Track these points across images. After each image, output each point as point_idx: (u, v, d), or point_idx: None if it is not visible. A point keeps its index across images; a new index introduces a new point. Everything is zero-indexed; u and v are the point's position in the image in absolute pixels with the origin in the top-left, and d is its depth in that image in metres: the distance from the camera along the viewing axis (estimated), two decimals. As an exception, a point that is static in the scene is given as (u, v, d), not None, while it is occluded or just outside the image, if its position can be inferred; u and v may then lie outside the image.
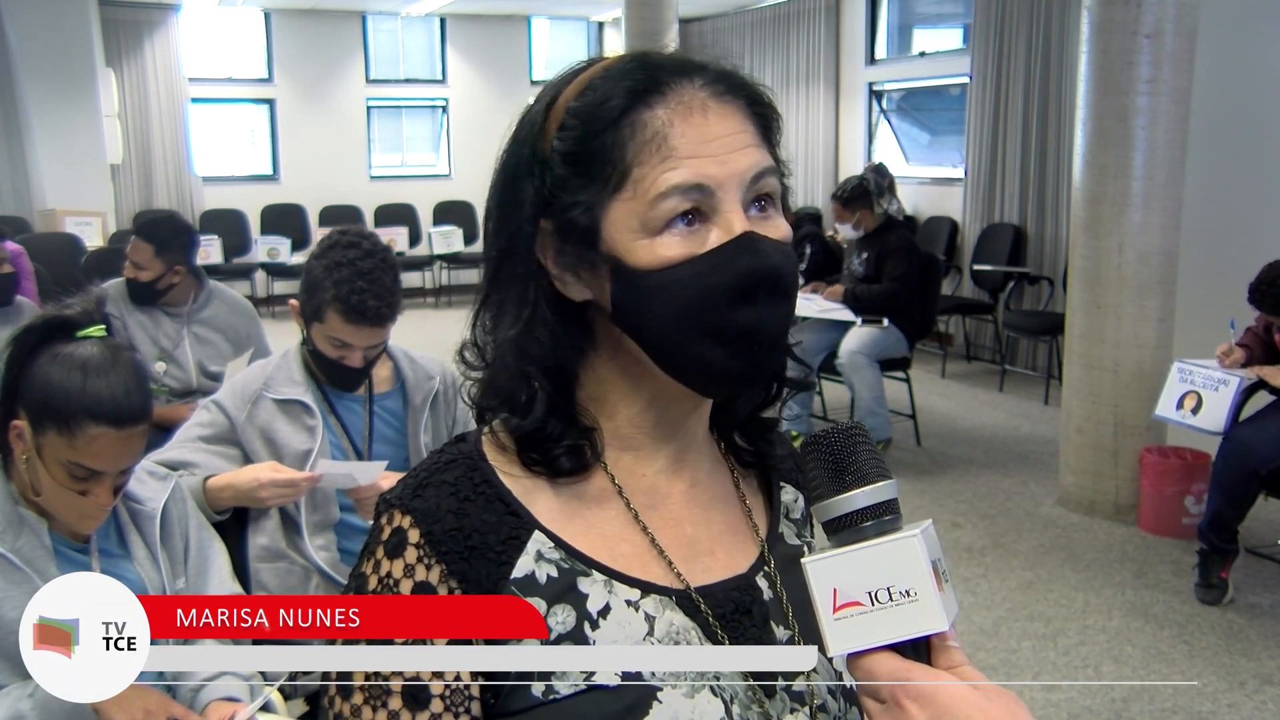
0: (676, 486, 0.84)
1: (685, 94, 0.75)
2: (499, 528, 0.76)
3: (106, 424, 1.48)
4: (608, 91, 0.75)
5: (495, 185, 0.81)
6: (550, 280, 0.78)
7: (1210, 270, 4.81)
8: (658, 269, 0.74)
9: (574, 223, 0.75)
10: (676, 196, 0.73)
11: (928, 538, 0.69)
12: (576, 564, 0.77)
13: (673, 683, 0.74)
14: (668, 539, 0.81)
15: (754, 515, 0.88)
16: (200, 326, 3.42)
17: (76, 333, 1.53)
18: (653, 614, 0.77)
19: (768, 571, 0.85)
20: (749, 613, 0.81)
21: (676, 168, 0.73)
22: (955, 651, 0.69)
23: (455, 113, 10.90)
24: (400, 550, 0.75)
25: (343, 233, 2.12)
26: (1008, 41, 7.21)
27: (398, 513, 0.77)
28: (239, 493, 1.97)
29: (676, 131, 0.74)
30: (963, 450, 5.52)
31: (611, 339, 0.79)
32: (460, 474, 0.79)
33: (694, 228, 0.74)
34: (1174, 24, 4.16)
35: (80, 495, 1.52)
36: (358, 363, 2.11)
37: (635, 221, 0.74)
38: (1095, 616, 3.63)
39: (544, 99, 0.79)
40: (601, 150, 0.74)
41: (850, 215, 5.31)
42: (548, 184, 0.76)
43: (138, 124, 9.64)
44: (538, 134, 0.78)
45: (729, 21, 10.63)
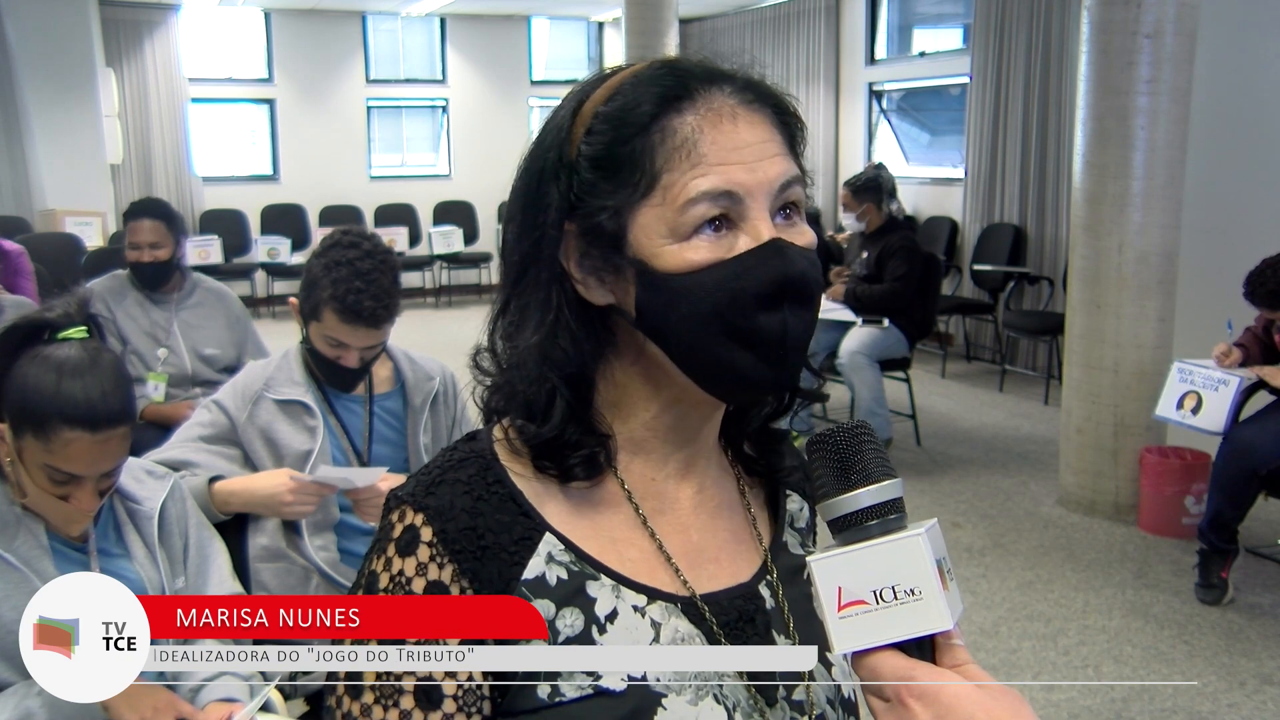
0: (684, 492, 0.84)
1: (715, 101, 0.76)
2: (512, 528, 0.76)
3: (81, 428, 1.45)
4: (637, 97, 0.76)
5: (517, 190, 0.80)
6: (573, 284, 0.78)
7: (1210, 270, 4.80)
8: (685, 273, 0.74)
9: (601, 226, 0.75)
10: (706, 203, 0.73)
11: (933, 536, 0.69)
12: (586, 567, 0.77)
13: (678, 689, 0.74)
14: (674, 545, 0.81)
15: (758, 524, 0.88)
16: (188, 313, 3.47)
17: (57, 334, 1.52)
18: (659, 620, 0.77)
19: (770, 580, 0.85)
20: (752, 621, 0.81)
21: (706, 174, 0.73)
22: (960, 650, 0.69)
23: (455, 113, 10.90)
24: (413, 548, 0.75)
25: (345, 232, 2.11)
26: (1008, 41, 7.21)
27: (410, 510, 0.76)
28: (254, 501, 1.96)
29: (706, 138, 0.74)
30: (963, 450, 5.52)
31: (633, 344, 0.79)
32: (474, 472, 0.78)
33: (721, 234, 0.74)
34: (1174, 24, 4.16)
35: (62, 499, 1.50)
36: (354, 363, 2.10)
37: (663, 227, 0.74)
38: (1095, 616, 3.63)
39: (570, 103, 0.79)
40: (630, 155, 0.75)
41: (858, 205, 5.32)
42: (574, 188, 0.76)
43: (138, 124, 9.65)
44: (564, 139, 0.77)
45: (729, 21, 10.63)
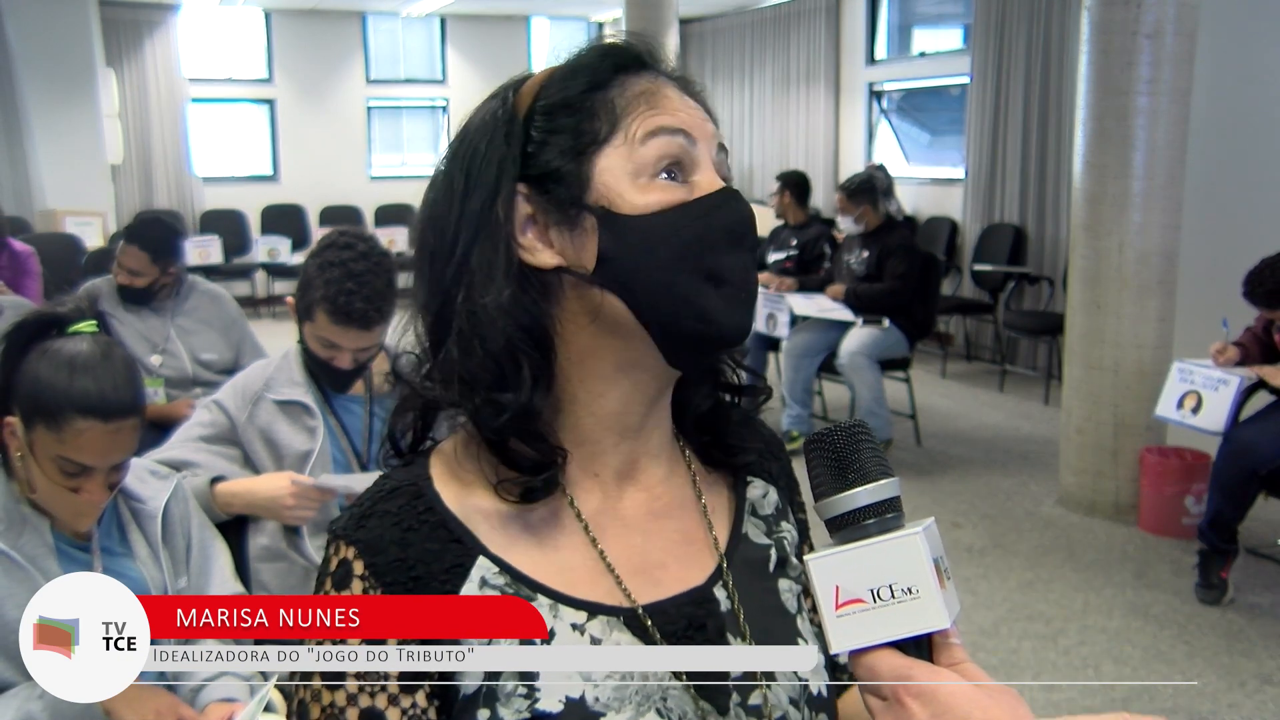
0: (629, 493, 0.83)
1: (660, 78, 0.81)
2: (442, 555, 0.76)
3: (94, 417, 1.47)
4: (594, 61, 0.79)
5: (453, 170, 0.80)
6: (517, 250, 0.77)
7: (1210, 270, 4.80)
8: (652, 213, 0.75)
9: (562, 174, 0.76)
10: (665, 136, 0.76)
11: (930, 535, 0.69)
12: (522, 588, 0.76)
13: (617, 707, 0.74)
14: (618, 552, 0.80)
15: (715, 519, 0.86)
16: (184, 319, 3.45)
17: (68, 329, 1.53)
18: (599, 636, 0.76)
19: (725, 582, 0.83)
20: (703, 627, 0.79)
21: (663, 114, 0.77)
22: (957, 649, 0.69)
23: (455, 113, 10.88)
24: (347, 582, 0.76)
25: (341, 233, 2.11)
26: (1008, 41, 7.21)
27: (343, 544, 0.77)
28: (255, 504, 1.97)
29: (662, 93, 0.79)
30: (963, 450, 5.52)
31: (583, 307, 0.77)
32: (403, 503, 0.78)
33: (677, 180, 0.77)
34: (1174, 24, 4.16)
35: (73, 492, 1.52)
36: (347, 364, 2.10)
37: (628, 166, 0.76)
38: (1095, 616, 3.63)
39: (504, 89, 0.81)
40: (591, 103, 0.77)
41: (854, 208, 5.32)
42: (528, 144, 0.77)
43: (138, 124, 9.65)
44: (510, 105, 0.79)
45: (729, 21, 10.62)
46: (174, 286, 3.45)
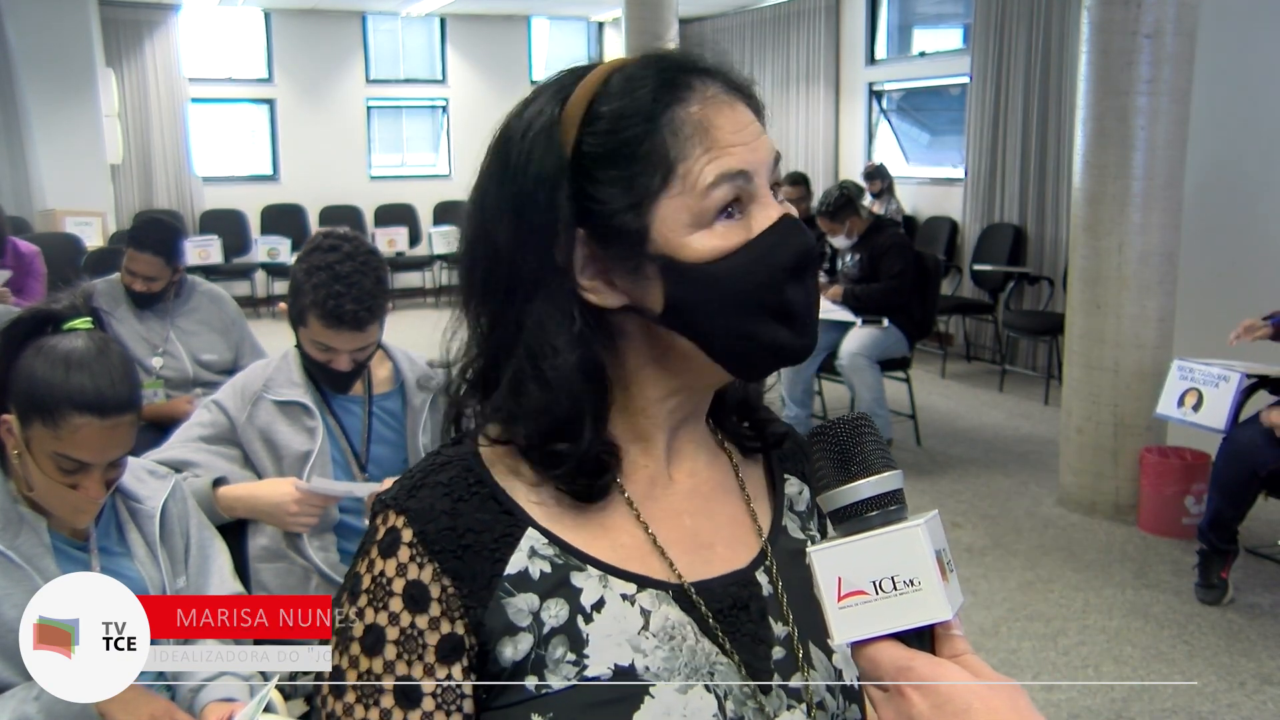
0: (677, 477, 0.85)
1: (709, 89, 0.78)
2: (493, 526, 0.77)
3: (90, 413, 1.47)
4: (637, 93, 0.76)
5: (501, 206, 0.78)
6: (581, 292, 0.77)
7: (1210, 270, 4.80)
8: (715, 259, 0.75)
9: (621, 227, 0.75)
10: (726, 184, 0.75)
11: (932, 528, 0.69)
12: (571, 559, 0.77)
13: (666, 677, 0.75)
14: (667, 532, 0.82)
15: (757, 508, 0.88)
16: (184, 319, 3.45)
17: (63, 325, 1.53)
18: (648, 608, 0.78)
19: (768, 567, 0.85)
20: (746, 608, 0.81)
21: (720, 156, 0.75)
22: (959, 641, 0.69)
23: (455, 113, 10.90)
24: (394, 550, 0.76)
25: (325, 235, 2.09)
26: (1008, 41, 7.22)
27: (392, 513, 0.77)
28: (258, 509, 1.97)
29: (714, 124, 0.76)
30: (963, 450, 5.52)
31: (648, 342, 0.79)
32: (455, 474, 0.79)
33: (735, 218, 0.76)
34: (1174, 24, 4.16)
35: (70, 489, 1.51)
36: (344, 366, 2.09)
37: (687, 215, 0.75)
38: (1095, 616, 3.63)
39: (549, 104, 0.78)
40: (643, 150, 0.75)
41: (840, 226, 5.38)
42: (584, 191, 0.75)
43: (138, 124, 9.65)
44: (554, 140, 0.76)
45: (729, 21, 10.63)
46: (175, 287, 3.45)
